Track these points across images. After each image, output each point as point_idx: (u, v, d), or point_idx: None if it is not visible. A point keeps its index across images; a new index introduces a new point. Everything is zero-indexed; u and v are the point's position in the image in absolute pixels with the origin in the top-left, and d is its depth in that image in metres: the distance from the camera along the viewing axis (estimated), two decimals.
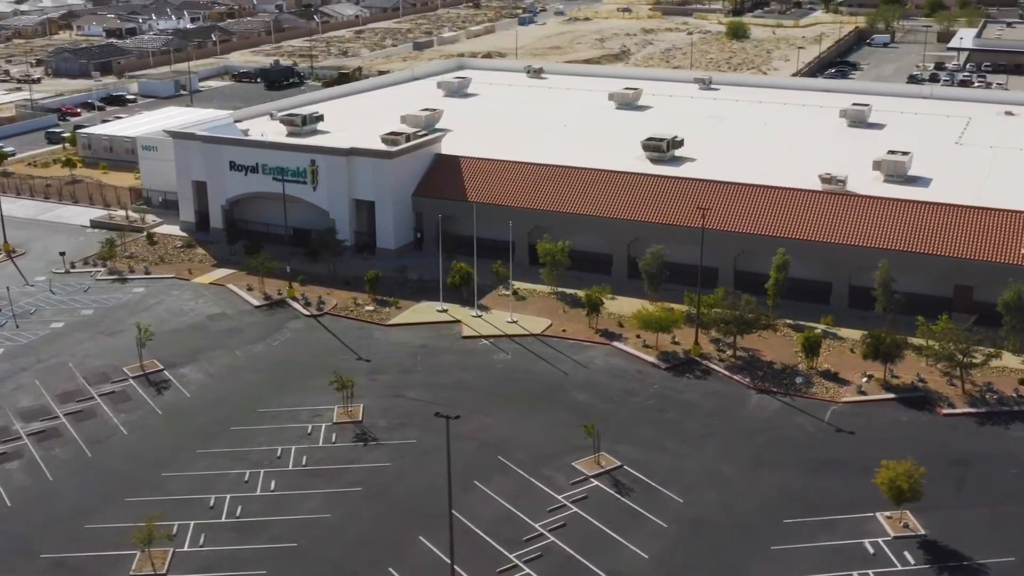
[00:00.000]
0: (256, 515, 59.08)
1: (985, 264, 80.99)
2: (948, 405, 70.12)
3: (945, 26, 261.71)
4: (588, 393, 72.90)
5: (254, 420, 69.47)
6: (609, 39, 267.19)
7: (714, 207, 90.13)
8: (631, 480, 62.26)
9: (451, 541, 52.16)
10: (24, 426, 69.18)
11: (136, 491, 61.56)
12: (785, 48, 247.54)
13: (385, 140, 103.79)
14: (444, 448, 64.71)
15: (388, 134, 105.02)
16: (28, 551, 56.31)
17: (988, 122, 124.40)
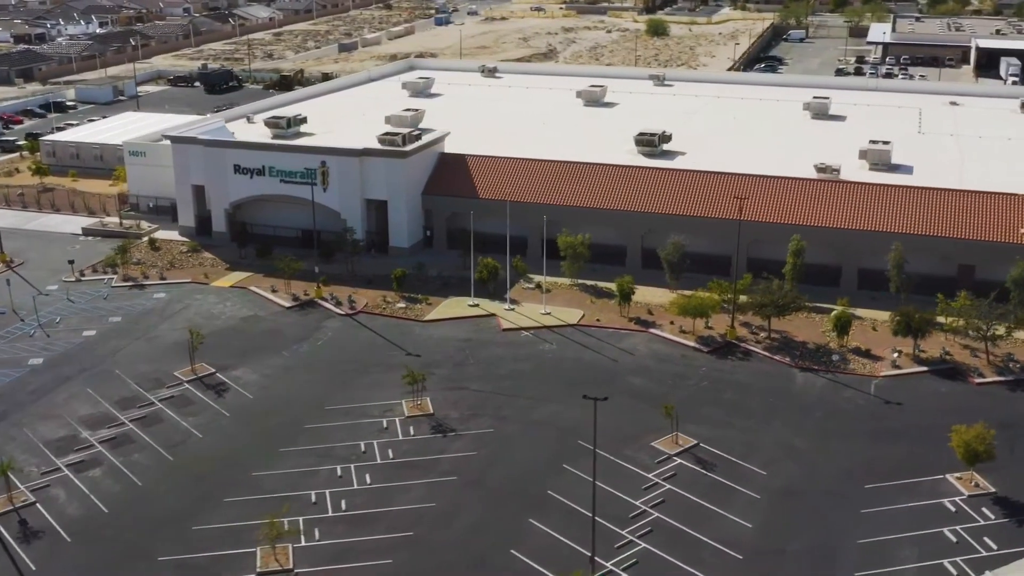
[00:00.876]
0: (362, 508, 60.22)
1: (987, 244, 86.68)
2: (978, 375, 75.21)
3: (855, 21, 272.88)
4: (642, 378, 75.83)
5: (325, 418, 70.34)
6: (532, 38, 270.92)
7: (723, 198, 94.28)
8: (711, 456, 65.38)
9: (592, 512, 54.37)
10: (92, 433, 68.67)
11: (232, 491, 62.01)
12: (706, 44, 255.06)
13: (382, 140, 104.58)
14: (522, 434, 67.45)
15: (385, 134, 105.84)
16: (144, 555, 56.42)
17: (938, 112, 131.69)
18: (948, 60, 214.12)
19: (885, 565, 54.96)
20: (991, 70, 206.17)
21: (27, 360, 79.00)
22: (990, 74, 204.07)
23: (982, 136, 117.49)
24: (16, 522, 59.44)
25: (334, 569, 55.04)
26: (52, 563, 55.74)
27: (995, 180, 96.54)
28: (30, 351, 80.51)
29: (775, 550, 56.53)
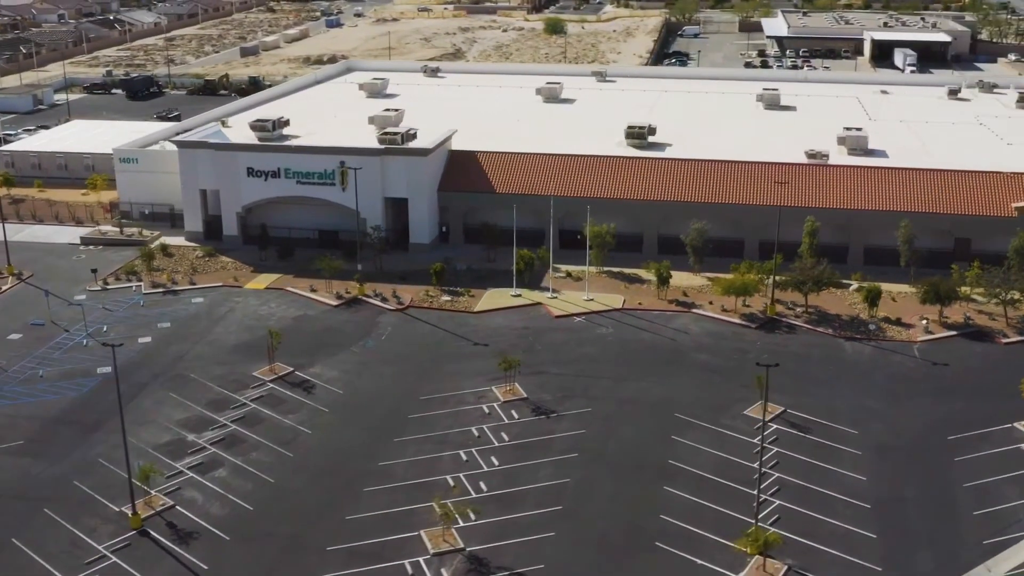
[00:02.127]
0: (503, 488, 62.66)
1: (982, 219, 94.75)
2: (1003, 336, 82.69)
3: (743, 16, 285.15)
4: (706, 354, 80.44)
5: (425, 407, 72.31)
6: (433, 38, 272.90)
7: (729, 185, 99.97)
8: (802, 420, 70.41)
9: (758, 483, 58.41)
10: (198, 436, 68.90)
11: (368, 482, 63.53)
12: (606, 41, 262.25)
13: (382, 140, 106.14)
14: (619, 412, 71.17)
15: (384, 133, 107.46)
16: (310, 547, 57.62)
17: (875, 101, 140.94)
18: (844, 52, 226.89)
19: (996, 504, 60.92)
20: (885, 61, 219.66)
21: (95, 369, 78.08)
22: (885, 64, 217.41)
23: (928, 122, 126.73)
24: (164, 525, 59.65)
25: (503, 545, 57.48)
26: (222, 562, 56.38)
27: (968, 160, 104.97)
28: (93, 360, 79.53)
29: (896, 498, 61.84)
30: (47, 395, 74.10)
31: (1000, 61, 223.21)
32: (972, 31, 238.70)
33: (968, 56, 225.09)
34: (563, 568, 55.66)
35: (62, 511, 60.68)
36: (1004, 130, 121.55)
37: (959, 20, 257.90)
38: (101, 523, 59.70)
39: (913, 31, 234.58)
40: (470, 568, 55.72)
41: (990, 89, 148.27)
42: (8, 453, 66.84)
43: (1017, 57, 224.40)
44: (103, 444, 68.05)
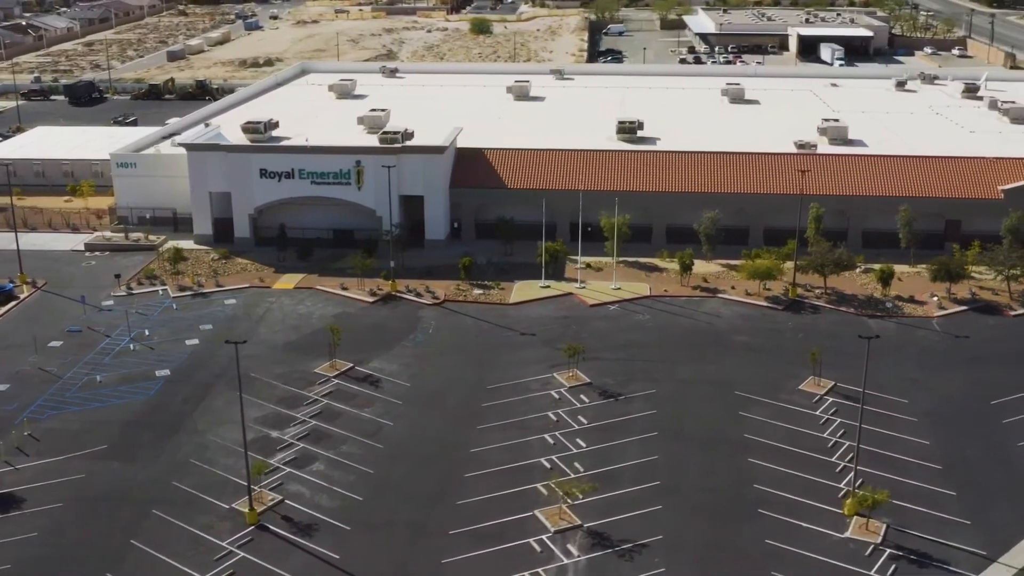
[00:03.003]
0: (598, 467, 65.15)
1: (970, 201, 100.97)
2: (1010, 309, 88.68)
3: (663, 15, 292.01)
4: (745, 335, 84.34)
5: (495, 396, 74.37)
6: (360, 40, 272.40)
7: (732, 175, 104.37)
8: (853, 393, 74.62)
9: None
10: (282, 433, 69.72)
11: (466, 468, 65.35)
12: (533, 40, 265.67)
13: (383, 139, 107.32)
14: (683, 392, 74.59)
15: (384, 132, 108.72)
16: (433, 532, 59.29)
17: (829, 93, 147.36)
18: (771, 48, 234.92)
19: None
20: (810, 55, 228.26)
21: (154, 372, 77.93)
22: (811, 59, 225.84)
23: (888, 112, 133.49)
24: (280, 518, 60.57)
25: (616, 520, 60.09)
26: (351, 551, 57.65)
27: (940, 147, 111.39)
28: (148, 363, 79.33)
29: (960, 457, 66.53)
30: (113, 400, 73.80)
31: (917, 54, 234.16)
32: (888, 26, 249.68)
33: (887, 50, 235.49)
34: (680, 537, 58.57)
35: (172, 511, 61.02)
36: (961, 119, 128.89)
37: (871, 16, 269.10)
38: (216, 521, 60.28)
39: (834, 27, 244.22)
40: (594, 543, 58.19)
41: (931, 80, 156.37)
42: (94, 458, 66.61)
43: (933, 50, 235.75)
44: (188, 444, 68.34)
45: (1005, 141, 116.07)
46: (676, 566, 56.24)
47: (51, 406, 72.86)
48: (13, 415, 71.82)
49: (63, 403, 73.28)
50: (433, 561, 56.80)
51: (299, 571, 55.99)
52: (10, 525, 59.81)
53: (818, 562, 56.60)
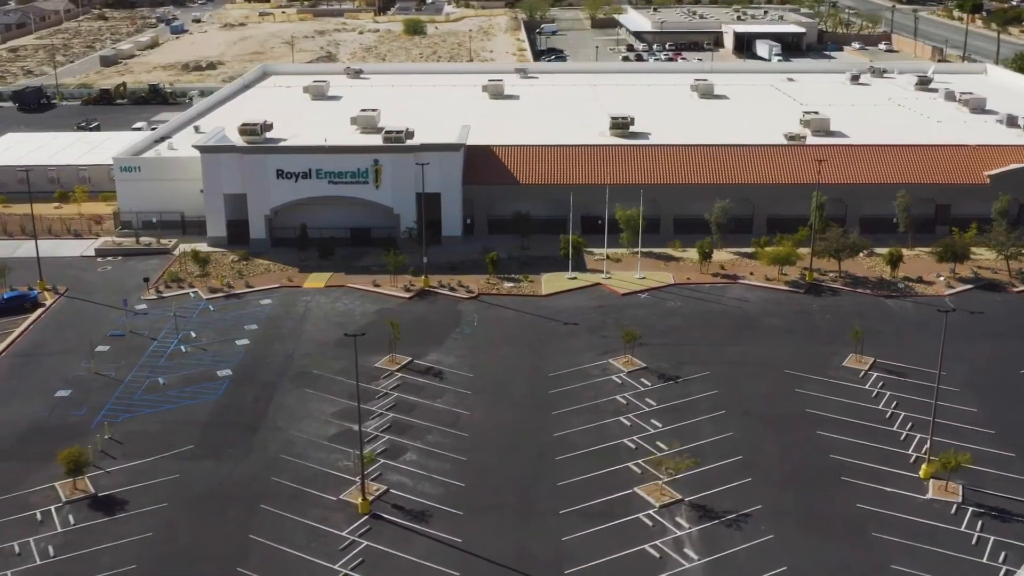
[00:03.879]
0: (691, 442, 67.75)
1: (959, 186, 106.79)
2: (1012, 286, 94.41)
3: (592, 14, 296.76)
4: (776, 318, 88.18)
5: (559, 383, 76.66)
6: (293, 42, 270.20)
7: (733, 167, 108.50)
8: (892, 368, 78.98)
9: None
10: (364, 426, 70.75)
11: (555, 452, 67.54)
12: (470, 41, 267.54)
13: (386, 139, 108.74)
14: (735, 373, 78.06)
15: (388, 132, 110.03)
16: (544, 512, 61.35)
17: (789, 87, 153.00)
18: (707, 45, 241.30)
19: None
20: (746, 52, 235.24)
21: (215, 372, 78.12)
22: (747, 55, 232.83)
23: (854, 105, 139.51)
24: (391, 506, 61.90)
25: (713, 493, 63.02)
26: (469, 534, 59.34)
27: (916, 136, 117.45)
28: (205, 364, 79.49)
29: (1008, 422, 71.20)
30: (184, 401, 73.92)
31: (846, 49, 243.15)
32: (817, 23, 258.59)
33: (817, 46, 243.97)
34: (777, 506, 61.75)
35: (280, 505, 61.84)
36: (923, 110, 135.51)
37: (794, 13, 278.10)
38: (329, 512, 61.33)
39: (766, 23, 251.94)
40: (700, 515, 61.01)
41: (881, 74, 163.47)
42: (184, 458, 66.88)
43: (861, 46, 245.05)
44: (273, 441, 69.04)
45: (972, 129, 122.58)
46: (783, 532, 59.38)
47: (122, 409, 72.64)
48: (84, 419, 71.51)
49: (133, 406, 73.09)
50: (553, 540, 58.90)
51: (425, 556, 57.49)
52: (121, 527, 59.92)
53: (911, 522, 60.37)
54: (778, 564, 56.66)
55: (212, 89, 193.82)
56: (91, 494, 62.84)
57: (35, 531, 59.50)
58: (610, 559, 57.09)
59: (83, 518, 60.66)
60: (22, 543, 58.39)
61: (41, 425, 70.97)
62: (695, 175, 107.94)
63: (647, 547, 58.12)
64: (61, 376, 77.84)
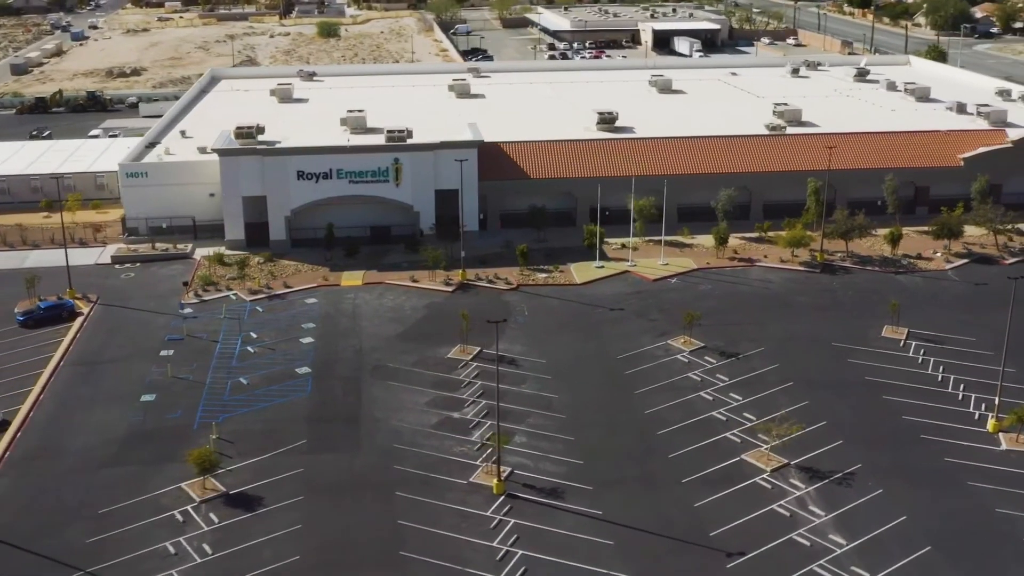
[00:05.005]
0: (764, 415, 72.13)
1: (936, 170, 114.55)
2: (1003, 258, 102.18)
3: (503, 14, 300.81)
4: (803, 296, 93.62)
5: (629, 364, 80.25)
6: (205, 46, 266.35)
7: (731, 156, 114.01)
8: (926, 337, 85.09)
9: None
10: (462, 413, 73.03)
11: (653, 428, 71.12)
12: (387, 43, 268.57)
13: (389, 138, 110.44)
14: (786, 347, 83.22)
15: (391, 130, 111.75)
16: (668, 481, 64.90)
17: (736, 81, 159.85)
18: (625, 42, 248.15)
19: None
20: (664, 48, 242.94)
21: (294, 370, 78.96)
22: (665, 51, 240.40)
23: (805, 96, 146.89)
24: (522, 485, 64.42)
25: (814, 455, 67.53)
26: (607, 506, 62.34)
27: (875, 124, 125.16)
28: (279, 363, 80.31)
29: None
30: (277, 399, 74.71)
31: (757, 44, 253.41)
32: (727, 20, 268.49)
33: (729, 42, 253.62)
34: (875, 463, 66.59)
35: (415, 491, 63.65)
36: (871, 99, 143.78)
37: (701, 10, 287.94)
38: (465, 495, 63.48)
39: (679, 21, 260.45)
40: (811, 476, 65.45)
41: (815, 67, 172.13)
42: (300, 452, 67.97)
43: (770, 41, 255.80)
44: (379, 432, 70.65)
45: (925, 117, 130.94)
46: (889, 487, 64.22)
47: (217, 410, 73.04)
48: (183, 422, 71.72)
49: (227, 407, 73.54)
50: (686, 506, 62.47)
51: (573, 529, 60.28)
52: (267, 521, 60.85)
53: (997, 470, 66.04)
54: (898, 514, 61.47)
55: (149, 95, 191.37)
56: (223, 492, 63.46)
57: (181, 531, 59.96)
58: (747, 520, 60.97)
59: (225, 516, 61.35)
60: (173, 543, 58.84)
61: (140, 429, 70.88)
62: (695, 165, 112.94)
63: (775, 507, 62.23)
64: (136, 381, 77.53)
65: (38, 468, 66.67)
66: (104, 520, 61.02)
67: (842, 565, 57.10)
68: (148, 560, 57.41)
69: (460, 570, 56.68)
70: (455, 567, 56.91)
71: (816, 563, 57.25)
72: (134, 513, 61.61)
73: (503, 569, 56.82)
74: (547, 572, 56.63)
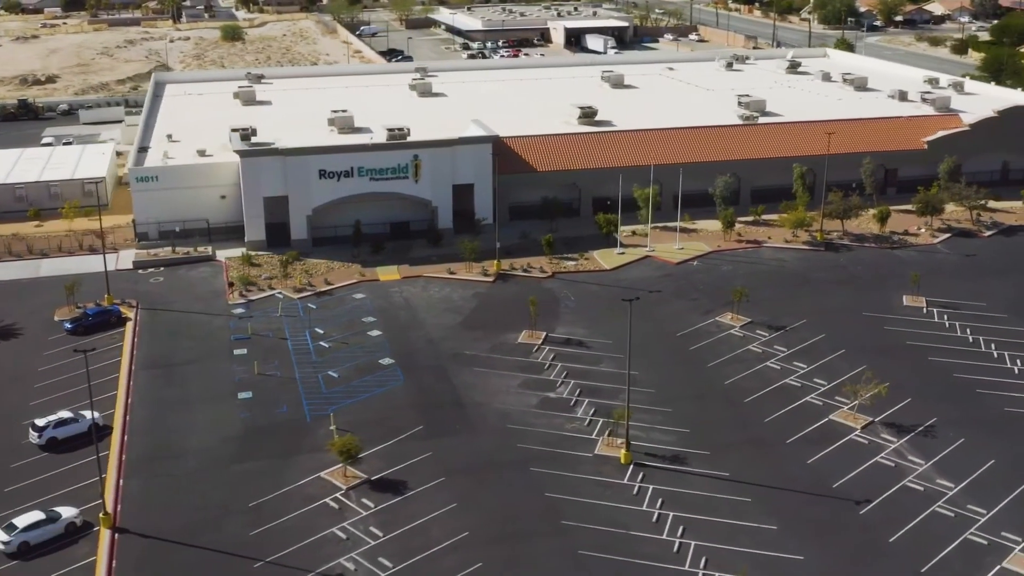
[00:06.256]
0: (832, 380, 78.00)
1: (903, 153, 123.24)
2: (980, 232, 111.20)
3: (402, 15, 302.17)
4: (819, 272, 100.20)
5: (690, 341, 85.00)
6: (107, 52, 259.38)
7: (720, 145, 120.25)
8: (942, 304, 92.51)
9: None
10: (559, 393, 76.31)
11: (739, 396, 76.07)
12: (296, 45, 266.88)
13: (392, 135, 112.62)
14: (825, 319, 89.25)
15: (391, 128, 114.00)
16: (774, 443, 69.83)
17: (677, 75, 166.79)
18: (536, 40, 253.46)
19: None
20: (575, 46, 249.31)
21: (377, 361, 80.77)
22: (576, 49, 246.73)
23: (753, 88, 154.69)
24: (644, 454, 68.26)
25: (892, 412, 73.51)
26: (730, 467, 66.85)
27: (834, 112, 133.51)
28: (360, 356, 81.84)
29: None
30: (376, 389, 76.53)
31: (661, 40, 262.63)
32: (632, 17, 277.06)
33: (634, 38, 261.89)
34: (947, 415, 73.02)
35: (547, 466, 66.78)
36: (813, 89, 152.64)
37: (598, 7, 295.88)
38: (596, 466, 66.97)
39: (584, 19, 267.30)
40: (897, 430, 71.38)
41: (743, 61, 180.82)
42: (420, 438, 70.16)
43: (674, 37, 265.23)
44: (487, 414, 73.45)
45: (869, 105, 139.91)
46: (969, 435, 70.66)
47: (322, 403, 74.36)
48: (291, 416, 72.93)
49: (330, 400, 74.91)
50: (801, 463, 67.54)
51: (709, 489, 64.51)
52: (421, 503, 62.98)
53: None
54: (986, 459, 67.93)
55: (77, 102, 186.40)
56: (365, 479, 65.22)
57: (342, 517, 61.57)
58: (859, 472, 66.39)
59: (378, 500, 63.18)
60: (340, 529, 60.46)
61: (253, 426, 71.72)
62: (689, 154, 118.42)
63: (879, 459, 67.89)
64: (224, 380, 78.00)
65: (164, 469, 66.97)
66: (258, 513, 62.10)
67: (958, 504, 63.10)
68: (322, 546, 58.97)
69: (624, 533, 60.24)
70: (618, 531, 60.45)
71: (936, 505, 63.07)
72: (284, 504, 62.85)
73: (662, 530, 60.68)
74: (702, 529, 60.71)
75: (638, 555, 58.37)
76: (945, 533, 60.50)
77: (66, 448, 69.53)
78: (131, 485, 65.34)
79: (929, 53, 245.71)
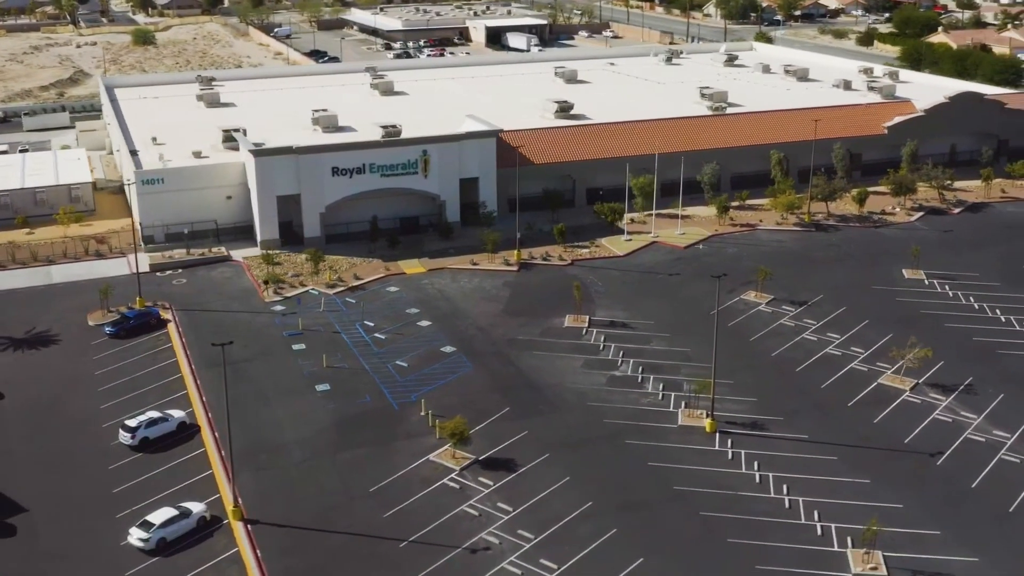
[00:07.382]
0: (868, 348, 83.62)
1: (865, 138, 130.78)
2: (950, 209, 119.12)
3: (312, 16, 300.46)
4: (817, 251, 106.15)
5: (725, 318, 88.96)
6: (15, 59, 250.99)
7: (701, 135, 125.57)
8: (942, 275, 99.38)
9: None
10: (622, 373, 79.78)
11: (793, 365, 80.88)
12: (211, 48, 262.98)
13: (388, 133, 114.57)
14: (844, 293, 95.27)
15: (384, 126, 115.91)
16: (837, 407, 74.79)
17: (620, 70, 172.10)
18: (457, 39, 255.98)
19: None
20: (496, 44, 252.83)
21: (440, 349, 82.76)
22: (498, 47, 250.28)
23: (701, 80, 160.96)
24: (724, 422, 72.31)
25: (932, 373, 79.32)
26: (809, 431, 71.44)
27: (787, 102, 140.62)
28: (420, 345, 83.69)
29: None
30: (450, 375, 78.61)
31: (576, 37, 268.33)
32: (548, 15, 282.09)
33: (551, 36, 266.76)
34: (983, 375, 79.25)
35: (635, 437, 70.37)
36: (759, 81, 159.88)
37: (507, 5, 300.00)
38: (679, 436, 70.71)
39: (500, 18, 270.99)
40: (942, 389, 77.18)
41: (679, 55, 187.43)
42: (509, 419, 72.65)
43: (589, 34, 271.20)
44: (565, 394, 76.50)
45: (816, 94, 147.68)
46: (1007, 391, 76.97)
47: (404, 391, 76.06)
48: (376, 405, 74.50)
49: (408, 388, 76.65)
50: (868, 423, 72.70)
51: (794, 450, 68.95)
52: (534, 478, 65.59)
53: None
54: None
55: (11, 109, 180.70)
56: (474, 459, 67.40)
57: (465, 496, 63.67)
58: (920, 430, 71.83)
59: (494, 478, 65.50)
60: (469, 507, 62.56)
61: (342, 416, 73.01)
62: (676, 144, 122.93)
63: (936, 416, 73.54)
64: (294, 375, 78.88)
65: (271, 462, 67.84)
66: (381, 497, 63.77)
67: (1019, 451, 69.06)
68: (459, 522, 61.11)
69: (733, 494, 64.12)
70: (728, 492, 64.31)
71: (1000, 454, 68.93)
72: (405, 487, 64.63)
73: (767, 488, 64.80)
74: (803, 486, 65.01)
75: (755, 512, 62.34)
76: (1017, 478, 66.27)
77: (157, 447, 69.70)
78: (243, 479, 66.01)
79: (835, 45, 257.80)
